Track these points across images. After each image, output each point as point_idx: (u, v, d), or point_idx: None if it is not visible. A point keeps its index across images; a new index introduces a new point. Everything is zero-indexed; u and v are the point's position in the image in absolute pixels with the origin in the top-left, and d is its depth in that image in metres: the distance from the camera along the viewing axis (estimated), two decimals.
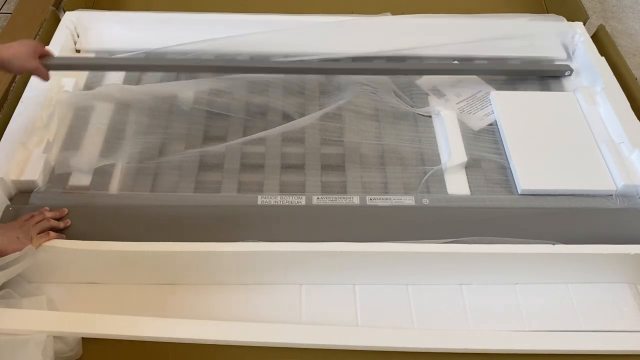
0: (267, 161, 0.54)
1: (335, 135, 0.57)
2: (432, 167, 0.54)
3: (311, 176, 0.53)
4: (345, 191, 0.52)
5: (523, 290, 0.48)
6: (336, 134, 0.57)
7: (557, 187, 0.52)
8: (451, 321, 0.46)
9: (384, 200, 0.51)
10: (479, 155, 0.55)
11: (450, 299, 0.47)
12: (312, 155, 0.55)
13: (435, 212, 0.50)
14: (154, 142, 0.55)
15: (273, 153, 0.55)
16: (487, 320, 0.46)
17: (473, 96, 0.62)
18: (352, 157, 0.55)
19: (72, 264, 0.46)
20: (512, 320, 0.46)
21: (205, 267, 0.47)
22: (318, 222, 0.49)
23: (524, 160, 0.54)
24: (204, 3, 0.76)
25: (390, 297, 0.47)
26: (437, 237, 0.47)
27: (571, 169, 0.53)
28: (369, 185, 0.53)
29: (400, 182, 0.53)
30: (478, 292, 0.48)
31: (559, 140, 0.56)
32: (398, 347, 0.42)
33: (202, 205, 0.50)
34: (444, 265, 0.47)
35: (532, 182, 0.52)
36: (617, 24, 0.97)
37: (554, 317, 0.47)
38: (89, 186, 0.51)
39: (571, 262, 0.47)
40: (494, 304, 0.47)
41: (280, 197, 0.50)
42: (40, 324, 0.41)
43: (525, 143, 0.56)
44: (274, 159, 0.55)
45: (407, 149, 0.56)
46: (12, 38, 0.66)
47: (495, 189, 0.53)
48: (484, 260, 0.46)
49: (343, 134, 0.57)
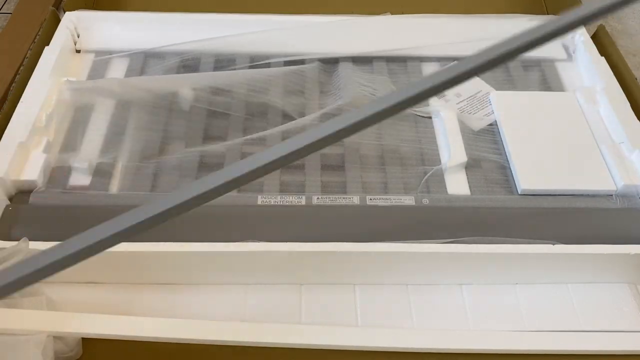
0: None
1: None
2: (432, 167, 0.54)
3: (311, 176, 0.53)
4: (345, 191, 0.52)
5: (523, 290, 0.48)
6: None
7: (557, 187, 0.52)
8: (451, 321, 0.46)
9: (384, 200, 0.51)
10: (479, 156, 0.55)
11: (450, 299, 0.48)
12: (312, 156, 0.55)
13: (435, 212, 0.50)
14: (154, 141, 0.55)
15: None
16: (487, 320, 0.46)
17: (473, 96, 0.62)
18: (352, 158, 0.55)
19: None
20: (512, 320, 0.46)
21: (205, 267, 0.47)
22: (318, 222, 0.49)
23: (524, 160, 0.54)
24: (204, 3, 0.76)
25: (390, 297, 0.47)
26: (437, 237, 0.47)
27: (571, 169, 0.53)
28: (369, 185, 0.53)
29: (400, 182, 0.53)
30: (478, 292, 0.48)
31: (559, 140, 0.56)
32: (398, 347, 0.42)
33: (202, 205, 0.50)
34: (444, 265, 0.47)
35: (532, 182, 0.52)
36: (617, 24, 0.97)
37: (554, 317, 0.47)
38: (88, 186, 0.51)
39: (571, 262, 0.47)
40: (494, 304, 0.47)
41: (280, 197, 0.50)
42: (40, 324, 0.41)
43: (525, 143, 0.56)
44: None
45: (407, 149, 0.56)
46: (12, 38, 0.66)
47: (495, 189, 0.53)
48: (484, 260, 0.46)
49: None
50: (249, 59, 0.64)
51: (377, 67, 0.65)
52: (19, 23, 0.69)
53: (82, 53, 0.65)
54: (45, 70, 0.59)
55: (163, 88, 0.59)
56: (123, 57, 0.64)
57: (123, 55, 0.64)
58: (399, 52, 0.66)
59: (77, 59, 0.65)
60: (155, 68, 0.63)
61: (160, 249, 0.44)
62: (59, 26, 0.65)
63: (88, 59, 0.64)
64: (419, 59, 0.66)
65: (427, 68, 0.66)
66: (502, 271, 0.48)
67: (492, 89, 0.62)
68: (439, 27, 0.68)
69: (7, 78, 0.60)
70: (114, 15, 0.68)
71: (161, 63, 0.63)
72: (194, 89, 0.59)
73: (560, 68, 0.67)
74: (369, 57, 0.66)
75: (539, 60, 0.67)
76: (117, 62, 0.64)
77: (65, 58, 0.63)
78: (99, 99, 0.58)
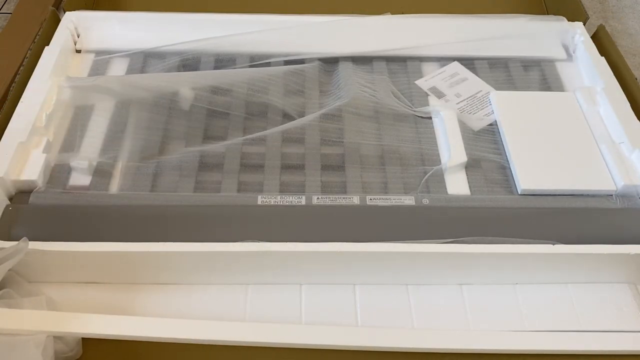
0: (267, 161, 0.54)
1: (335, 135, 0.57)
2: (432, 167, 0.54)
3: (311, 176, 0.53)
4: (345, 191, 0.52)
5: (523, 290, 0.48)
6: (336, 135, 0.57)
7: (556, 187, 0.52)
8: (451, 321, 0.46)
9: (384, 200, 0.51)
10: (479, 155, 0.55)
11: (450, 299, 0.48)
12: (312, 156, 0.55)
13: (435, 212, 0.50)
14: (154, 141, 0.55)
15: (273, 153, 0.55)
16: (487, 320, 0.46)
17: (473, 96, 0.62)
18: (352, 158, 0.55)
19: (72, 264, 0.46)
20: (512, 320, 0.46)
21: (205, 268, 0.47)
22: (318, 222, 0.49)
23: (524, 161, 0.54)
24: (204, 3, 0.76)
25: (390, 297, 0.47)
26: (437, 237, 0.47)
27: (571, 169, 0.53)
28: (369, 185, 0.53)
29: (400, 182, 0.53)
30: (478, 292, 0.48)
31: (559, 141, 0.56)
32: (398, 347, 0.42)
33: (202, 205, 0.50)
34: (444, 265, 0.47)
35: (532, 182, 0.52)
36: (617, 24, 0.97)
37: (554, 317, 0.47)
38: (88, 186, 0.51)
39: (571, 262, 0.47)
40: (494, 303, 0.47)
41: (280, 197, 0.50)
42: (40, 324, 0.41)
43: (525, 143, 0.56)
44: (274, 159, 0.55)
45: (406, 149, 0.56)
46: (12, 38, 0.66)
47: (496, 189, 0.53)
48: (484, 260, 0.46)
49: (343, 135, 0.57)
50: (249, 58, 0.64)
51: (377, 67, 0.65)
52: (19, 23, 0.69)
53: (82, 53, 0.65)
54: (45, 70, 0.59)
55: (163, 87, 0.59)
56: (123, 57, 0.64)
57: (123, 55, 0.64)
58: (399, 52, 0.66)
59: (77, 59, 0.65)
60: (155, 67, 0.63)
61: (160, 249, 0.44)
62: (59, 26, 0.65)
63: (88, 59, 0.64)
64: (419, 59, 0.66)
65: (427, 68, 0.66)
66: (502, 271, 0.48)
67: (492, 89, 0.62)
68: (439, 27, 0.68)
69: (7, 78, 0.61)
70: (114, 15, 0.68)
71: (161, 63, 0.63)
72: (193, 88, 0.59)
73: (560, 68, 0.67)
74: (369, 57, 0.66)
75: (539, 60, 0.67)
76: (117, 62, 0.64)
77: (65, 58, 0.63)
78: (99, 98, 0.58)
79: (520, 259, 0.46)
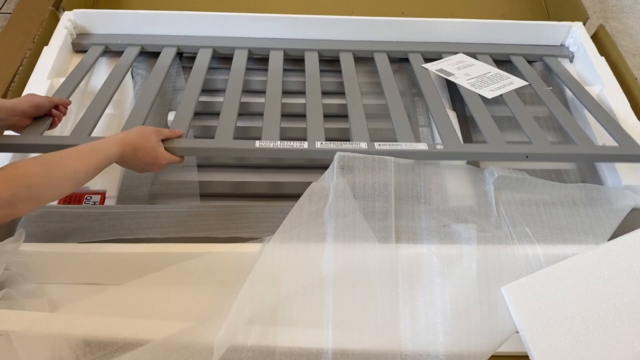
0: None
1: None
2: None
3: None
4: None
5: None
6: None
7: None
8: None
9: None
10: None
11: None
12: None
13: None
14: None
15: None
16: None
17: (482, 75, 0.62)
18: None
19: (72, 265, 0.46)
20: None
21: (205, 268, 0.46)
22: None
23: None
24: (204, 3, 0.76)
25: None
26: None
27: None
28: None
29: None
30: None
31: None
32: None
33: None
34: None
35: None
36: (617, 24, 0.97)
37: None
38: (88, 186, 0.51)
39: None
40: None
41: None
42: (41, 324, 0.41)
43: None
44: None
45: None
46: (12, 38, 0.66)
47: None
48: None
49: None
50: (248, 51, 0.64)
51: (379, 65, 0.65)
52: (19, 23, 0.69)
53: (81, 52, 0.65)
54: (44, 70, 0.59)
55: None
56: (119, 53, 0.64)
57: (120, 51, 0.64)
58: (399, 51, 0.66)
59: (76, 58, 0.65)
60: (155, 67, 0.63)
61: (160, 250, 0.45)
62: (58, 26, 0.65)
63: (87, 58, 0.64)
64: (419, 59, 0.66)
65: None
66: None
67: (500, 71, 0.63)
68: (439, 27, 0.68)
69: (7, 78, 0.61)
70: (113, 14, 0.67)
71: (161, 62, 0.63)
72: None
73: (560, 68, 0.66)
74: (369, 54, 0.66)
75: (540, 56, 0.67)
76: (115, 60, 0.64)
77: (64, 57, 0.63)
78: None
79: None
